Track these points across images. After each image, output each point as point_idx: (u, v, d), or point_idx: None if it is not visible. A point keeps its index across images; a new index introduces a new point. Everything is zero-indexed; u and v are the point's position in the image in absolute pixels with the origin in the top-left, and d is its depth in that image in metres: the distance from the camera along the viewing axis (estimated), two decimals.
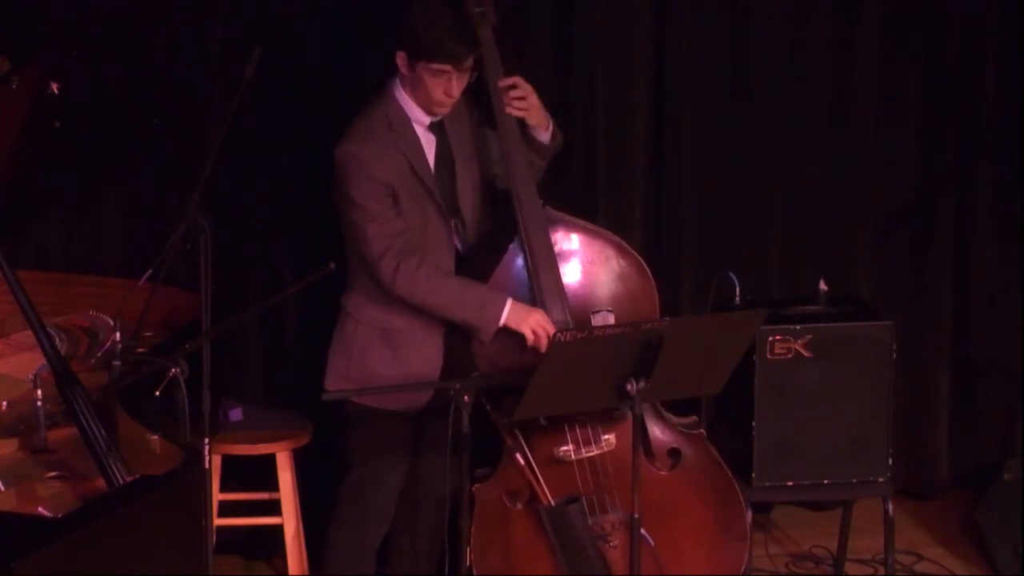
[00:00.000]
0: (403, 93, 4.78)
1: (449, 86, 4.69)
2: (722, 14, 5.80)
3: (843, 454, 5.26)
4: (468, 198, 4.88)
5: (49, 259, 5.38)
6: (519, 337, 4.70)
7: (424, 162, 4.80)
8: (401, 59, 4.71)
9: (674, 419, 4.99)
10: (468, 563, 4.69)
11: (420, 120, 4.80)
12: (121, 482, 3.83)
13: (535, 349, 4.67)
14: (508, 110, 4.81)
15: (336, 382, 4.86)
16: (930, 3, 5.92)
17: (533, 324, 4.69)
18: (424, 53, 4.65)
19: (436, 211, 4.80)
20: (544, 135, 4.90)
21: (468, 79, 4.73)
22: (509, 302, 4.70)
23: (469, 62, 4.70)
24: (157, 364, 4.10)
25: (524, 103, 4.82)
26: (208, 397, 4.19)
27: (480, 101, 4.92)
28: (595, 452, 4.84)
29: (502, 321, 4.69)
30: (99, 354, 4.55)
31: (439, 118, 4.81)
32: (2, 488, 3.95)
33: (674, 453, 4.95)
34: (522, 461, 4.83)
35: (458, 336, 4.79)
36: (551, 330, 4.68)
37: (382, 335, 4.82)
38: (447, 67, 4.66)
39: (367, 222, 4.68)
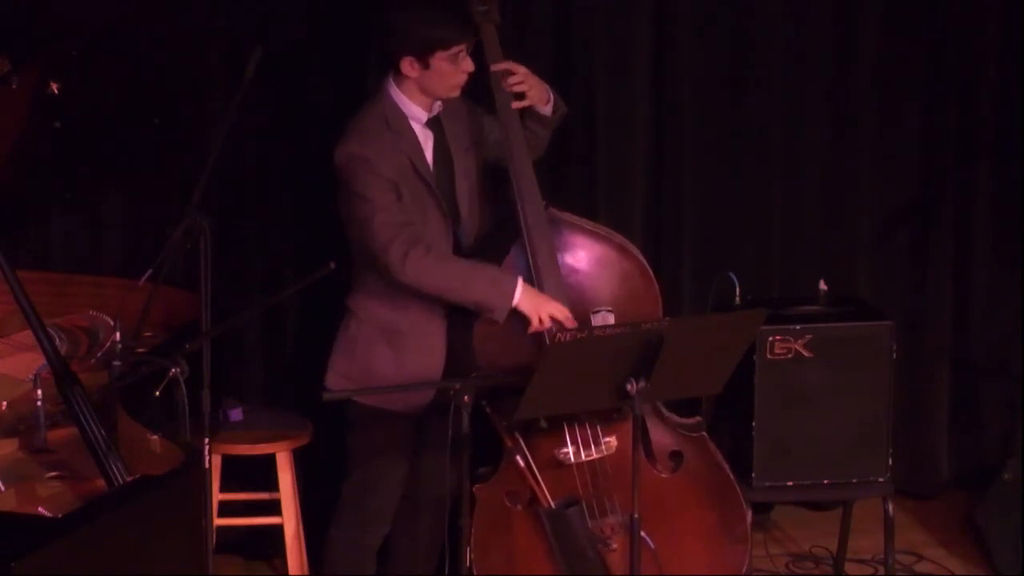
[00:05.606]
0: (399, 92, 4.77)
1: (466, 63, 4.73)
2: (722, 14, 5.80)
3: (843, 454, 5.26)
4: (465, 193, 4.87)
5: (49, 259, 5.38)
6: (520, 337, 4.70)
7: (424, 161, 4.80)
8: (410, 64, 4.71)
9: (676, 420, 4.97)
10: (468, 563, 4.69)
11: (418, 118, 4.80)
12: (121, 482, 3.83)
13: (536, 349, 4.66)
14: (513, 105, 4.80)
15: (338, 381, 4.85)
16: (930, 3, 5.92)
17: (544, 314, 4.68)
18: (438, 45, 4.68)
19: (437, 208, 4.79)
20: (546, 108, 4.91)
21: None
22: (521, 281, 4.68)
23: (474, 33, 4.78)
24: (157, 364, 4.11)
25: (524, 85, 4.83)
26: (208, 397, 4.19)
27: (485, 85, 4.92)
28: (595, 455, 4.82)
29: (516, 299, 4.67)
30: (99, 354, 4.55)
31: (436, 113, 4.81)
32: (2, 488, 3.95)
33: (675, 456, 4.93)
34: (522, 463, 4.82)
35: (459, 335, 4.79)
36: (566, 317, 4.67)
37: (385, 334, 4.81)
38: (462, 46, 4.70)
39: (374, 213, 4.67)
